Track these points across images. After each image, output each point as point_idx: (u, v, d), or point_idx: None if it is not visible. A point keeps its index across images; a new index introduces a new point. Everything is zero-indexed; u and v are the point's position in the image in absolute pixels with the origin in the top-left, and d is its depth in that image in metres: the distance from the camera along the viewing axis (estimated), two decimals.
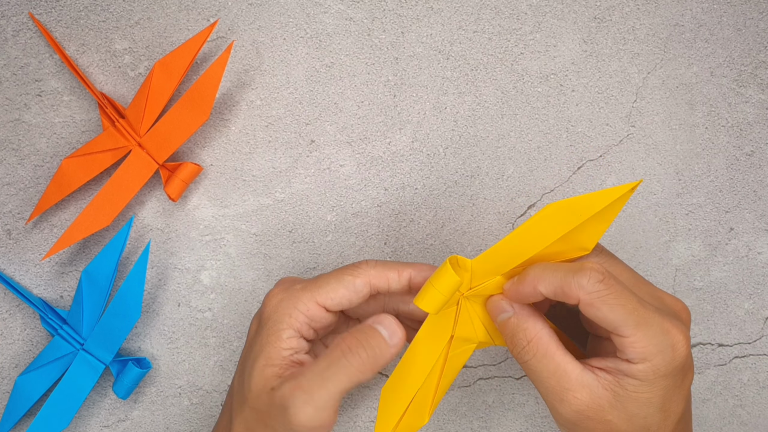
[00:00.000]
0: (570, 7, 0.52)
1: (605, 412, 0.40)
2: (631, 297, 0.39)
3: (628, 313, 0.38)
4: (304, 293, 0.41)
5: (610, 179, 0.53)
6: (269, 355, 0.40)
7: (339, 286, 0.41)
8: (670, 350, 0.39)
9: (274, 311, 0.41)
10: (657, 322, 0.39)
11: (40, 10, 0.50)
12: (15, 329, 0.51)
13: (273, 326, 0.41)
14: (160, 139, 0.49)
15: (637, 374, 0.39)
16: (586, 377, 0.40)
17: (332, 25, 0.51)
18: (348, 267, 0.42)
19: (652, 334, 0.39)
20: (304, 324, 0.41)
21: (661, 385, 0.39)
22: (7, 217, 0.51)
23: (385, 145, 0.52)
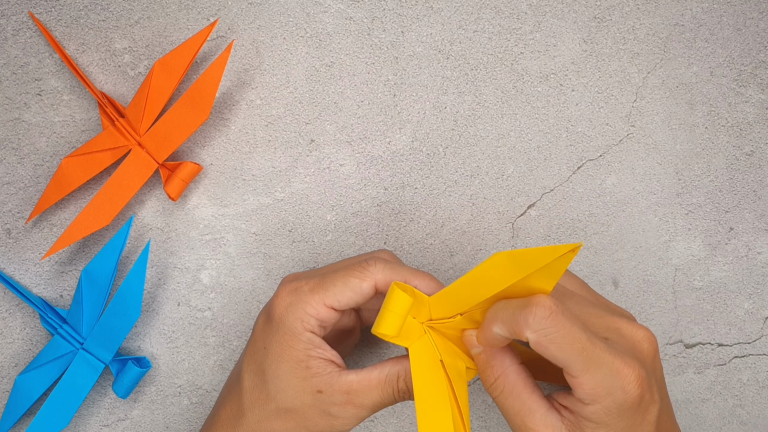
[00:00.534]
0: (570, 7, 0.52)
1: None
2: (580, 335, 0.38)
3: (576, 353, 0.37)
4: (312, 296, 0.41)
5: (610, 179, 0.53)
6: (296, 356, 0.41)
7: (346, 289, 0.41)
8: (620, 392, 0.38)
9: (285, 315, 0.41)
10: (607, 362, 0.38)
11: (40, 9, 0.50)
12: (15, 328, 0.51)
13: (288, 330, 0.41)
14: (160, 138, 0.49)
15: (591, 416, 0.38)
16: (550, 418, 0.39)
17: (332, 24, 0.51)
18: (356, 267, 0.42)
19: (600, 377, 0.38)
20: (316, 325, 0.41)
21: (617, 426, 0.38)
22: (7, 216, 0.51)
23: (385, 145, 0.52)
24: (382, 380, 0.41)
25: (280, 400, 0.41)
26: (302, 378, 0.41)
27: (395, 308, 0.40)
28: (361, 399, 0.41)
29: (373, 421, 0.53)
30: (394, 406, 0.53)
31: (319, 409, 0.41)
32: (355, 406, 0.41)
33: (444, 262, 0.52)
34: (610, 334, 0.40)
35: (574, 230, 0.53)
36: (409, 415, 0.53)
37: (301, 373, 0.41)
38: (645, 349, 0.40)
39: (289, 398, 0.41)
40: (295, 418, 0.41)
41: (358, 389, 0.41)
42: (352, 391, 0.41)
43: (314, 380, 0.41)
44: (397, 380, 0.42)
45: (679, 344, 0.53)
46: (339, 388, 0.41)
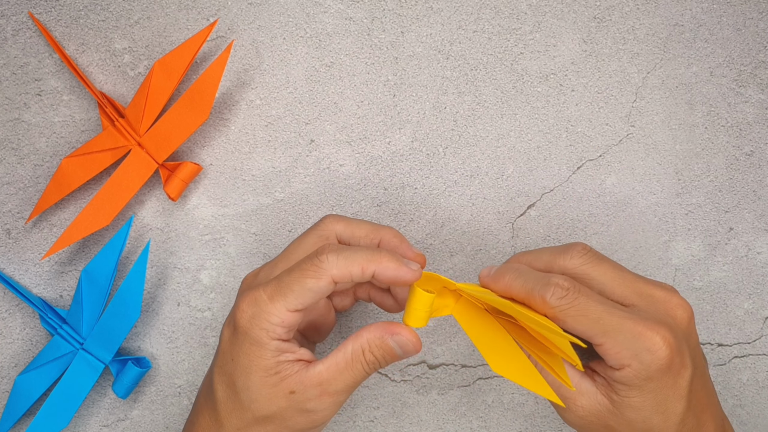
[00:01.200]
0: (570, 7, 0.52)
1: (606, 418, 0.41)
2: (595, 307, 0.40)
3: (592, 323, 0.39)
4: (273, 305, 0.40)
5: (610, 179, 0.53)
6: (264, 366, 0.41)
7: (304, 291, 0.40)
8: (646, 353, 0.39)
9: (249, 326, 0.41)
10: (627, 328, 0.39)
11: (40, 9, 0.50)
12: (14, 328, 0.51)
13: (254, 341, 0.41)
14: (160, 138, 0.49)
15: (621, 380, 0.40)
16: (585, 384, 0.41)
17: (332, 24, 0.51)
18: (310, 267, 0.41)
19: (621, 340, 0.39)
20: (282, 333, 0.41)
21: (649, 388, 0.40)
22: (7, 216, 0.51)
23: (385, 145, 0.52)
24: (348, 360, 0.41)
25: (255, 409, 0.41)
26: (273, 384, 0.41)
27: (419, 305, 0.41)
28: (334, 386, 0.41)
29: (373, 422, 0.53)
30: (394, 407, 0.53)
31: (295, 408, 0.41)
32: (330, 394, 0.41)
33: (444, 262, 0.52)
34: (640, 300, 0.42)
35: (574, 230, 0.53)
36: (409, 415, 0.53)
37: (271, 380, 0.41)
38: (678, 316, 0.41)
39: (263, 406, 0.41)
40: (273, 422, 0.41)
41: (329, 378, 0.41)
42: (324, 382, 0.41)
43: (285, 383, 0.41)
44: (363, 354, 0.41)
45: None
46: (310, 383, 0.41)
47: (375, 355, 0.41)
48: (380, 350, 0.41)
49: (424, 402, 0.53)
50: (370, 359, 0.41)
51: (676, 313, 0.41)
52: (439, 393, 0.53)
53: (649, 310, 0.41)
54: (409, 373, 0.53)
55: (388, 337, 0.41)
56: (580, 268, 0.43)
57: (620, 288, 0.42)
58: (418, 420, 0.53)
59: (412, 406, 0.53)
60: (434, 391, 0.53)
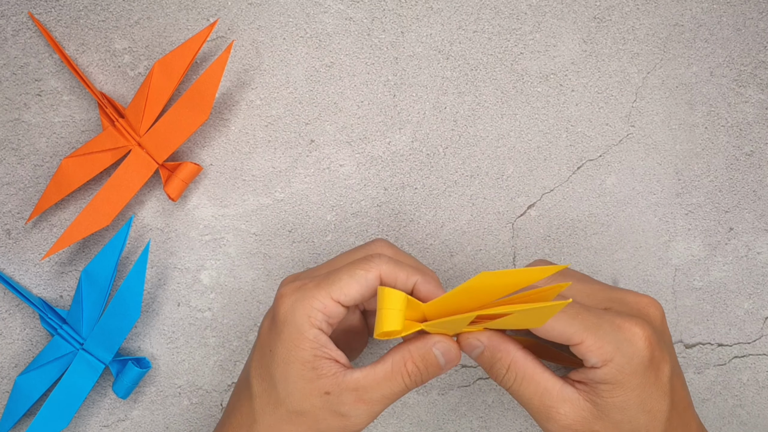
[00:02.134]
0: (570, 7, 0.52)
1: (591, 423, 0.40)
2: (573, 305, 0.40)
3: (571, 318, 0.39)
4: (318, 291, 0.41)
5: (610, 179, 0.53)
6: (302, 358, 0.40)
7: (352, 281, 0.41)
8: (627, 345, 0.39)
9: (291, 313, 0.41)
10: (607, 321, 0.39)
11: (40, 9, 0.50)
12: (15, 329, 0.51)
13: (294, 328, 0.41)
14: (160, 138, 0.49)
15: (605, 378, 0.39)
16: (566, 391, 0.40)
17: (332, 24, 0.51)
18: (360, 261, 0.41)
19: (602, 334, 0.39)
20: (323, 321, 0.41)
21: (632, 384, 0.39)
22: (7, 216, 0.51)
23: (385, 145, 0.52)
24: (388, 371, 0.41)
25: (290, 403, 0.41)
26: (309, 380, 0.41)
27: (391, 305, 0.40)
28: (371, 394, 0.41)
29: (373, 421, 0.53)
30: (394, 407, 0.53)
31: (329, 410, 0.41)
32: (366, 402, 0.41)
33: (444, 263, 0.52)
34: (612, 303, 0.42)
35: (574, 230, 0.53)
36: (409, 415, 0.53)
37: (308, 375, 0.40)
38: (651, 313, 0.42)
39: (298, 401, 0.41)
40: (306, 421, 0.41)
41: (366, 385, 0.41)
42: (361, 388, 0.40)
43: (321, 382, 0.40)
44: (404, 365, 0.41)
45: (679, 344, 0.53)
46: (346, 387, 0.40)
47: (417, 366, 0.41)
48: (423, 361, 0.41)
49: (424, 402, 0.53)
50: (412, 370, 0.41)
51: (648, 311, 0.42)
52: (439, 393, 0.53)
53: (621, 310, 0.41)
54: None
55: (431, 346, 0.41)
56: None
57: (590, 297, 0.42)
58: (418, 420, 0.53)
59: (412, 406, 0.53)
60: (434, 391, 0.53)
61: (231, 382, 0.52)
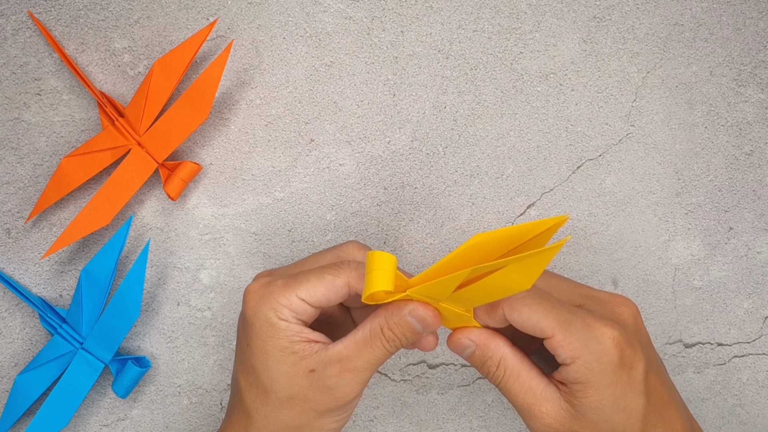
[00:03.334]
0: (569, 7, 0.52)
1: (570, 423, 0.41)
2: (550, 299, 0.41)
3: (546, 311, 0.40)
4: (285, 290, 0.41)
5: (610, 178, 0.53)
6: (279, 345, 0.41)
7: (319, 284, 0.41)
8: (595, 344, 0.40)
9: (257, 307, 0.41)
10: (578, 318, 0.40)
11: (40, 8, 0.50)
12: (14, 328, 0.51)
13: (263, 322, 0.41)
14: (160, 138, 0.49)
15: (576, 377, 0.40)
16: (549, 391, 0.41)
17: (332, 24, 0.51)
18: (331, 266, 0.42)
19: (573, 331, 0.40)
20: (290, 316, 0.41)
21: (603, 383, 0.40)
22: (7, 216, 0.51)
23: (385, 144, 0.52)
24: (367, 337, 0.41)
25: (278, 389, 0.41)
26: (291, 363, 0.41)
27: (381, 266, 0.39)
28: (354, 363, 0.41)
29: (373, 421, 0.53)
30: (394, 406, 0.53)
31: (317, 387, 0.41)
32: (351, 371, 0.41)
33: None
34: (585, 301, 0.43)
35: (573, 230, 0.53)
36: (409, 415, 0.53)
37: (288, 359, 0.41)
38: (623, 312, 0.42)
39: (285, 386, 0.41)
40: (298, 403, 0.41)
41: (348, 354, 0.41)
42: (343, 359, 0.41)
43: (304, 362, 0.41)
44: (381, 331, 0.41)
45: (679, 344, 0.53)
46: (329, 360, 0.41)
47: (394, 332, 0.41)
48: (399, 327, 0.41)
49: (424, 402, 0.53)
50: (389, 336, 0.41)
51: (621, 310, 0.42)
52: (439, 393, 0.53)
53: (594, 307, 0.42)
54: (409, 373, 0.53)
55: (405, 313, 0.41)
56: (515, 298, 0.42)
57: (565, 294, 0.43)
58: (418, 420, 0.53)
59: (412, 405, 0.53)
60: (434, 391, 0.53)
61: (231, 382, 0.52)
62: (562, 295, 0.44)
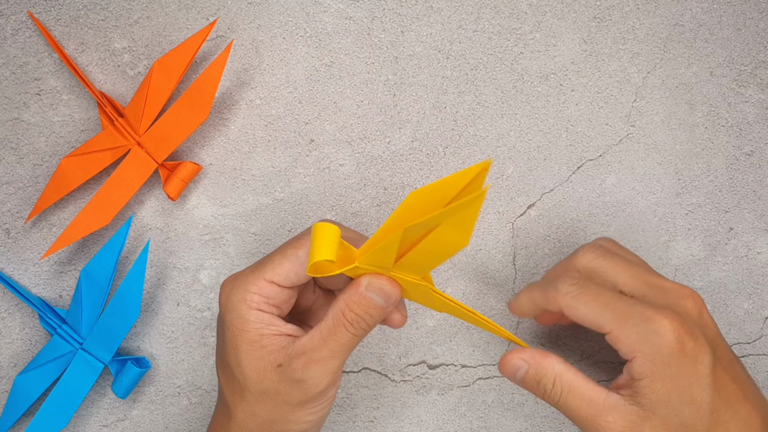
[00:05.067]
0: (570, 7, 0.52)
1: (639, 426, 0.40)
2: (606, 293, 0.41)
3: (602, 306, 0.40)
4: (251, 275, 0.41)
5: (610, 179, 0.53)
6: (249, 339, 0.41)
7: (284, 260, 0.41)
8: (655, 336, 0.39)
9: (228, 300, 0.41)
10: (636, 312, 0.40)
11: (39, 8, 0.50)
12: (14, 328, 0.51)
13: (236, 314, 0.41)
14: (160, 138, 0.49)
15: (639, 372, 0.40)
16: (612, 399, 0.41)
17: (332, 24, 0.51)
18: (292, 240, 0.42)
19: (631, 324, 0.40)
20: (261, 302, 0.41)
21: (667, 375, 0.39)
22: (6, 216, 0.51)
23: (385, 145, 0.52)
24: (330, 325, 0.40)
25: (251, 385, 0.41)
26: (259, 357, 0.41)
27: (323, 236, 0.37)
28: (319, 353, 0.40)
29: (373, 422, 0.53)
30: (394, 407, 0.53)
31: (286, 381, 0.40)
32: (316, 362, 0.40)
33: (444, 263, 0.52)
34: (650, 291, 0.42)
35: (574, 230, 0.53)
36: (409, 415, 0.53)
37: (257, 353, 0.41)
38: (688, 305, 0.42)
39: (256, 381, 0.41)
40: (271, 398, 0.41)
41: (313, 346, 0.40)
42: (308, 350, 0.40)
43: (271, 357, 0.40)
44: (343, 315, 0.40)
45: None
46: (295, 353, 0.40)
47: (356, 312, 0.40)
48: (359, 306, 0.40)
49: (424, 402, 0.53)
50: (351, 318, 0.40)
51: (686, 303, 0.42)
52: (439, 393, 0.53)
53: (658, 300, 0.42)
54: (409, 373, 0.53)
55: (362, 289, 0.40)
56: (592, 263, 0.44)
57: (631, 280, 0.43)
58: (418, 420, 0.53)
59: (411, 406, 0.53)
60: (434, 391, 0.53)
61: None
62: (627, 281, 0.43)
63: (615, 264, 0.44)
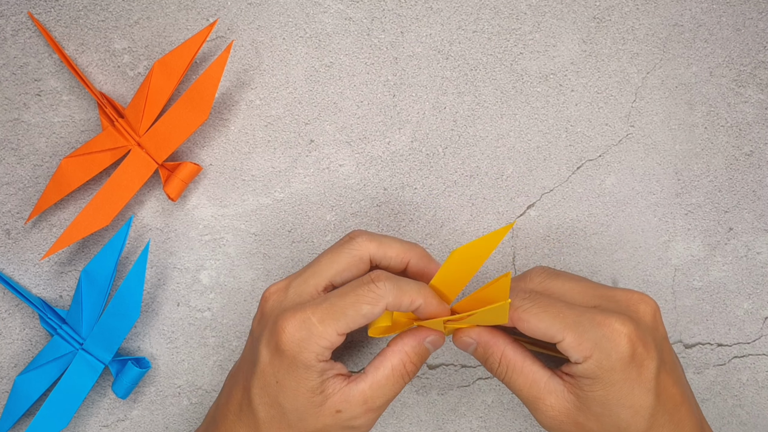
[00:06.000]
0: (569, 7, 0.52)
1: (575, 415, 0.42)
2: (556, 304, 0.41)
3: (552, 317, 0.40)
4: (324, 329, 0.41)
5: (610, 179, 0.53)
6: (311, 387, 0.41)
7: (358, 317, 0.41)
8: (606, 342, 0.40)
9: (298, 351, 0.41)
10: (588, 319, 0.40)
11: (40, 9, 0.50)
12: (14, 329, 0.51)
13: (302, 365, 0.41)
14: (160, 138, 0.49)
15: (585, 373, 0.40)
16: (553, 383, 0.42)
17: (332, 24, 0.51)
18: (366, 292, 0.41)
19: (582, 331, 0.40)
20: (329, 354, 0.42)
21: (612, 380, 0.40)
22: (7, 216, 0.51)
23: (385, 145, 0.52)
24: (389, 375, 0.42)
25: (302, 427, 0.42)
26: (319, 404, 0.41)
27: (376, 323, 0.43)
28: (378, 402, 0.42)
29: None
30: (394, 407, 0.53)
31: (340, 426, 0.42)
32: (374, 410, 0.42)
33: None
34: (602, 301, 0.43)
35: (573, 230, 0.53)
36: (409, 415, 0.53)
37: (317, 400, 0.41)
38: (641, 309, 0.42)
39: (311, 424, 0.42)
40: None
41: (372, 395, 0.42)
42: (368, 399, 0.42)
43: (330, 402, 0.41)
44: (404, 366, 0.42)
45: (679, 344, 0.53)
46: (355, 401, 0.42)
47: (415, 363, 0.43)
48: (418, 356, 0.43)
49: (423, 402, 0.53)
50: (411, 369, 0.43)
51: (638, 308, 0.42)
52: (439, 393, 0.53)
53: (609, 306, 0.42)
54: None
55: (423, 341, 0.43)
56: (540, 285, 0.44)
57: (580, 295, 0.43)
58: (418, 420, 0.53)
59: (411, 406, 0.53)
60: (434, 391, 0.53)
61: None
62: (576, 297, 0.43)
63: (562, 283, 0.44)
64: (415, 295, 0.41)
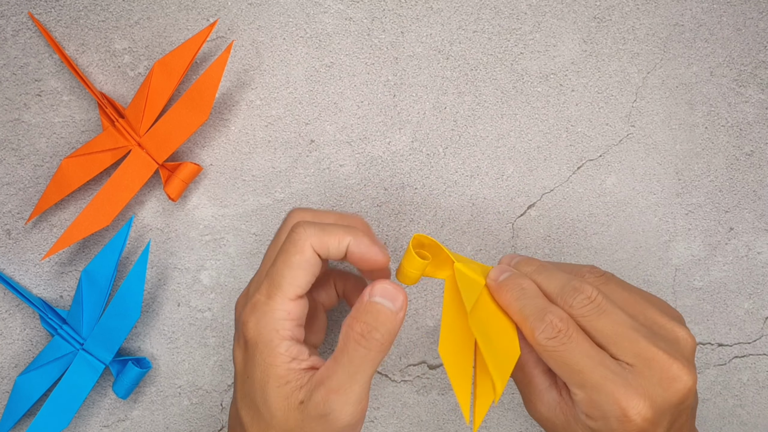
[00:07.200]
0: (570, 7, 0.52)
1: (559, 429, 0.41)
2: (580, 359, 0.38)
3: (572, 373, 0.38)
4: (273, 300, 0.39)
5: (610, 179, 0.53)
6: (277, 374, 0.39)
7: (293, 271, 0.39)
8: (615, 421, 0.37)
9: (257, 332, 0.39)
10: (607, 390, 0.37)
11: (40, 9, 0.50)
12: (15, 329, 0.51)
13: (266, 347, 0.39)
14: (160, 138, 0.49)
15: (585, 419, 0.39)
16: (549, 395, 0.41)
17: (332, 25, 0.51)
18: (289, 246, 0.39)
19: (596, 398, 0.37)
20: (290, 327, 0.40)
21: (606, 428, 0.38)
22: (7, 217, 0.51)
23: (385, 145, 0.52)
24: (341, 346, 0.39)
25: (276, 425, 0.39)
26: (285, 396, 0.39)
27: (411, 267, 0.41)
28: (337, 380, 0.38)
29: (374, 422, 0.53)
30: (394, 407, 0.53)
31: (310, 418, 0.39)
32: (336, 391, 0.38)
33: None
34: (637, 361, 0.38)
35: (574, 230, 0.53)
36: (409, 415, 0.53)
37: (283, 391, 0.39)
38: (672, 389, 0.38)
39: (282, 421, 0.39)
40: None
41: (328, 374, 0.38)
42: (325, 380, 0.38)
43: (294, 394, 0.39)
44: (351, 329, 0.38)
45: None
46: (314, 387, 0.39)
47: (366, 322, 0.38)
48: (368, 314, 0.38)
49: (424, 402, 0.53)
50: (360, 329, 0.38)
51: (670, 386, 0.38)
52: (439, 393, 0.53)
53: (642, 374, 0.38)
54: (409, 374, 0.53)
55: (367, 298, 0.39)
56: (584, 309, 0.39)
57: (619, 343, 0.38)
58: (418, 420, 0.53)
59: (412, 406, 0.53)
60: (434, 391, 0.53)
61: (231, 383, 0.52)
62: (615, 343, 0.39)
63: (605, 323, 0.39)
64: (341, 234, 0.39)
